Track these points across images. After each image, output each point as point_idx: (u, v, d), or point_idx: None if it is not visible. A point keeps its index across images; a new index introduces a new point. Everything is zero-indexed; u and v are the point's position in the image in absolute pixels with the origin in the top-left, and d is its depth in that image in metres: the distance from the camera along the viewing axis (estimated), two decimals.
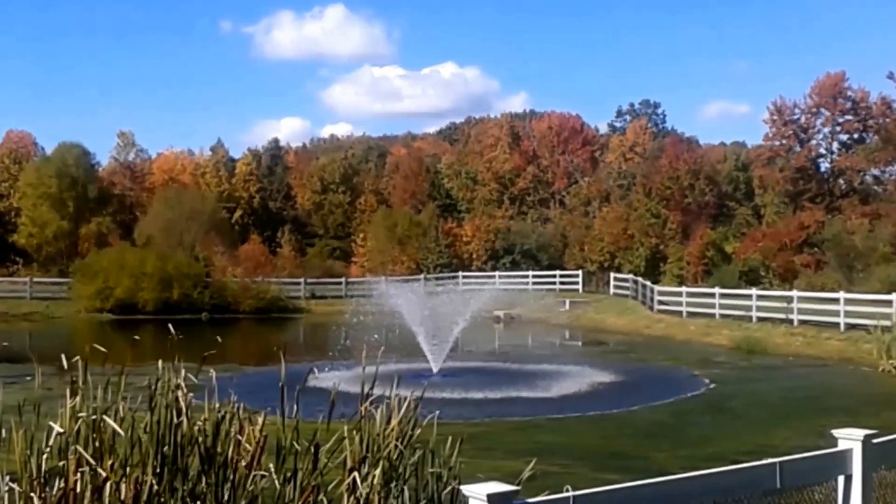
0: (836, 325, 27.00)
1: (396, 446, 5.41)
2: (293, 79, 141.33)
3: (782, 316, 29.40)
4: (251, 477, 5.12)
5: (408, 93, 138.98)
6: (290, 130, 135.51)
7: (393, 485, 5.33)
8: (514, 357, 25.80)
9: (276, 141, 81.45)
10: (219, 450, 5.13)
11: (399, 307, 23.47)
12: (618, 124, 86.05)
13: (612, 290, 44.16)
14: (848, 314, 26.83)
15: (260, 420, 5.36)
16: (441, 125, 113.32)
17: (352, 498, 5.13)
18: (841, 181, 54.93)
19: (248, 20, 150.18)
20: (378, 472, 5.23)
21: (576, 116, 72.84)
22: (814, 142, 55.54)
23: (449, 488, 5.44)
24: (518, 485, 3.82)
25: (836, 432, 4.85)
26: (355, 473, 5.17)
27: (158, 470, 4.93)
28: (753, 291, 32.79)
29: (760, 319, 30.12)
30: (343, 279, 50.72)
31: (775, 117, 55.63)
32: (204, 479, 5.08)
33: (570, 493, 3.60)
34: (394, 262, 54.68)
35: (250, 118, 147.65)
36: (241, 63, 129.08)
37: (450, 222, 60.31)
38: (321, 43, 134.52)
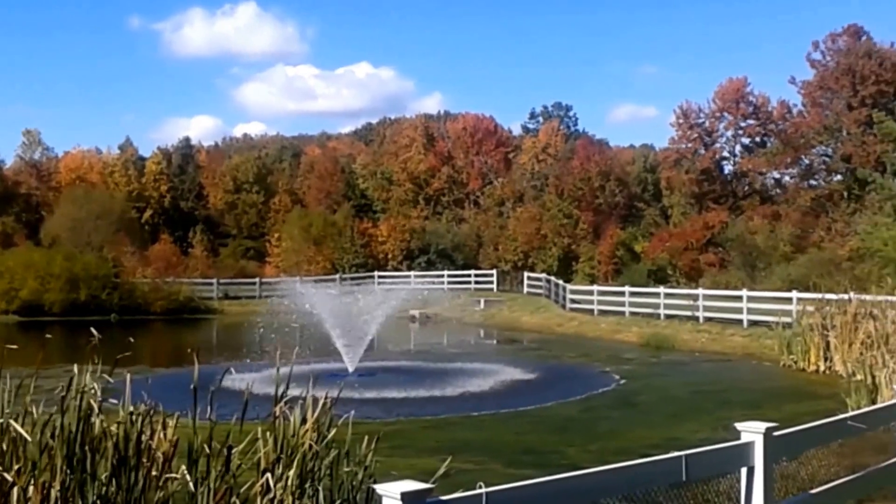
0: (740, 321, 27.93)
1: (311, 447, 5.40)
2: (204, 77, 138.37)
3: (689, 313, 30.33)
4: (163, 480, 5.08)
5: (322, 92, 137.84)
6: (201, 129, 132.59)
7: (307, 485, 5.32)
8: (429, 356, 25.94)
9: (187, 140, 79.72)
10: (130, 453, 5.07)
11: (314, 307, 23.39)
12: (531, 126, 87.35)
13: (525, 289, 44.74)
14: (751, 311, 27.73)
15: (172, 422, 5.36)
16: (356, 125, 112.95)
17: (265, 499, 5.12)
18: (743, 183, 57.09)
19: (158, 17, 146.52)
20: (292, 472, 5.22)
21: (489, 118, 73.77)
22: (718, 145, 57.63)
23: (364, 488, 5.45)
24: (433, 482, 3.83)
25: (738, 425, 4.98)
26: (268, 475, 5.15)
27: (69, 474, 4.89)
28: (661, 290, 33.74)
29: (668, 317, 30.96)
30: (257, 279, 50.20)
31: (681, 121, 57.51)
32: (115, 483, 5.06)
33: (483, 490, 3.62)
34: (309, 262, 54.45)
35: (160, 116, 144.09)
36: (150, 60, 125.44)
37: (365, 222, 60.26)
38: (233, 41, 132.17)
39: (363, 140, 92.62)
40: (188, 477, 5.11)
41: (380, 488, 3.51)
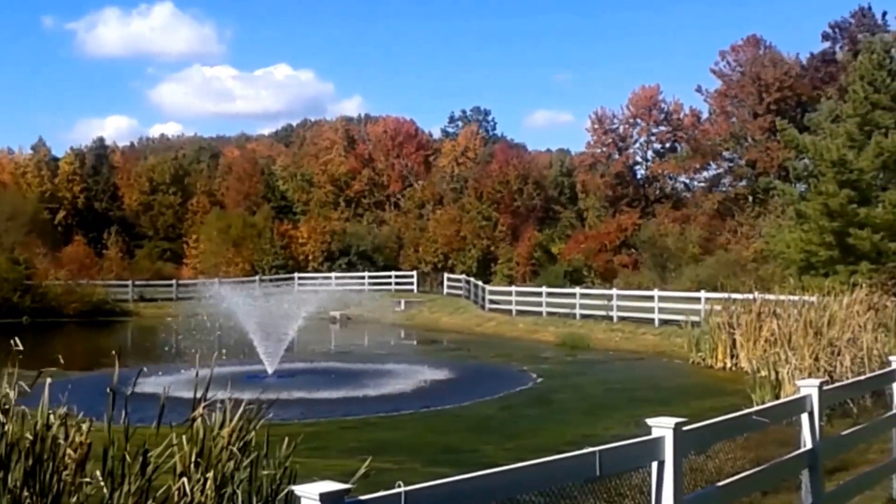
0: (652, 320, 28.69)
1: (229, 449, 5.32)
2: (119, 77, 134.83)
3: (603, 313, 31.01)
4: (76, 484, 5.02)
5: (240, 93, 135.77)
6: (116, 129, 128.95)
7: (226, 489, 5.24)
8: (349, 357, 25.89)
9: (101, 140, 77.54)
10: (45, 456, 4.99)
11: (233, 309, 23.08)
12: (450, 130, 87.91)
13: (445, 290, 45.01)
14: (662, 310, 28.55)
15: (85, 426, 5.26)
16: (275, 127, 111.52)
17: None
18: (655, 187, 58.64)
19: (72, 16, 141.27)
20: (210, 476, 5.14)
21: (410, 121, 73.89)
22: (631, 150, 59.01)
23: (284, 490, 5.33)
24: (352, 483, 3.81)
25: (649, 421, 5.00)
26: (184, 479, 5.06)
27: None
28: (577, 290, 34.36)
29: (583, 316, 31.59)
30: (174, 281, 49.24)
31: (596, 126, 58.74)
32: (27, 488, 4.96)
33: (402, 489, 3.60)
34: (228, 264, 53.81)
35: (74, 117, 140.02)
36: (63, 60, 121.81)
37: (285, 224, 59.76)
38: (149, 41, 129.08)
39: (283, 142, 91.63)
40: (102, 481, 5.01)
41: (298, 489, 3.47)
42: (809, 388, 6.56)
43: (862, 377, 10.64)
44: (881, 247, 26.15)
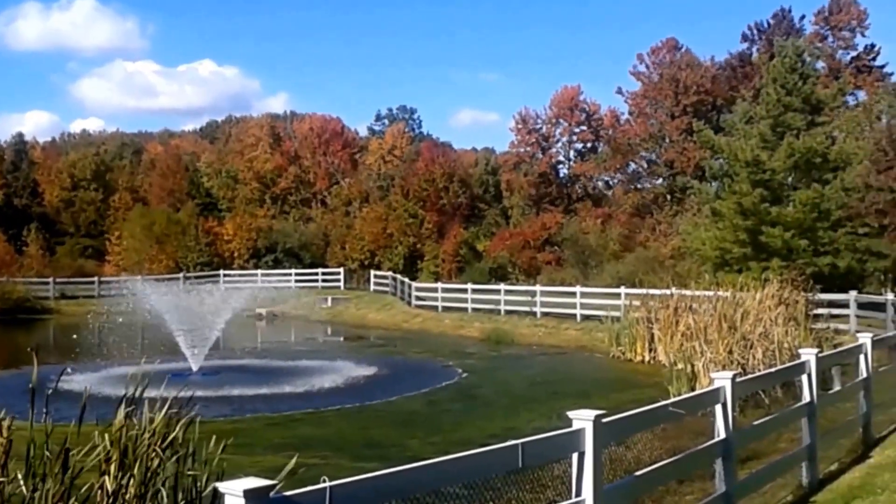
0: (574, 316, 29.28)
1: (154, 448, 5.28)
2: (40, 71, 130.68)
3: (527, 309, 31.47)
4: None
5: (164, 89, 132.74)
6: (36, 125, 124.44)
7: (150, 487, 5.20)
8: (275, 354, 25.68)
9: (20, 135, 74.86)
10: None
11: (157, 306, 22.65)
12: (377, 128, 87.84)
13: (372, 287, 45.02)
14: (583, 306, 29.16)
15: (6, 424, 5.16)
16: (199, 123, 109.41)
17: (106, 503, 4.99)
18: (577, 185, 59.62)
19: None
20: (134, 474, 5.10)
21: (336, 119, 73.55)
22: (554, 150, 59.91)
23: (209, 488, 5.30)
24: (278, 479, 3.84)
25: (570, 414, 5.10)
26: (106, 477, 5.02)
27: None
28: (502, 287, 34.79)
29: (508, 312, 32.00)
30: (96, 278, 48.01)
31: (520, 126, 59.43)
32: None
33: (327, 485, 3.61)
34: (151, 261, 52.92)
35: None
36: None
37: (210, 221, 58.86)
38: (70, 35, 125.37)
39: (207, 138, 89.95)
40: (23, 481, 4.94)
41: (222, 487, 3.45)
42: (723, 380, 6.76)
43: (773, 369, 10.97)
44: (792, 244, 27.18)
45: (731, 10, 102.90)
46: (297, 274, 48.34)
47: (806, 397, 8.40)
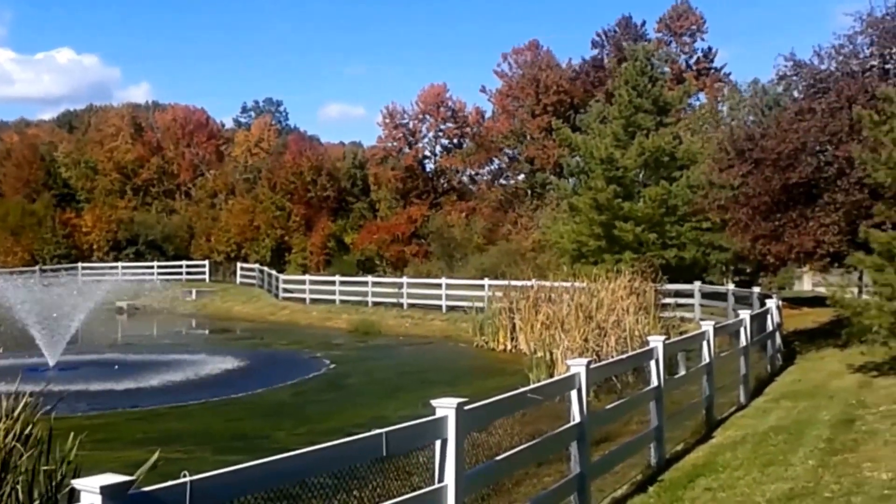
0: (440, 307, 29.94)
1: (7, 444, 5.21)
2: None
3: (394, 300, 31.91)
4: None
5: (20, 77, 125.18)
6: None
7: (3, 486, 5.12)
8: (137, 348, 25.05)
9: None
10: None
11: (10, 299, 21.62)
12: (243, 120, 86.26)
13: (238, 280, 44.47)
14: (449, 297, 29.88)
15: None
16: (57, 112, 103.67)
17: None
18: (443, 180, 60.43)
19: None
20: None
21: (201, 110, 71.46)
22: (420, 144, 60.39)
23: (67, 485, 5.20)
24: (140, 475, 3.89)
25: (433, 402, 5.14)
26: None
27: None
28: (369, 279, 35.14)
29: (375, 304, 32.39)
30: None
31: (387, 121, 59.67)
32: None
33: (187, 479, 3.49)
34: (6, 254, 50.89)
35: None
36: None
37: (68, 212, 56.63)
38: None
39: (65, 128, 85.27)
40: None
41: (78, 483, 3.31)
42: (577, 367, 7.04)
43: (624, 356, 11.55)
44: (642, 238, 28.64)
45: (585, 14, 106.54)
46: (159, 266, 47.04)
47: (654, 382, 8.77)
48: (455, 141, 60.25)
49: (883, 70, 17.89)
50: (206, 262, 48.13)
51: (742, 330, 12.92)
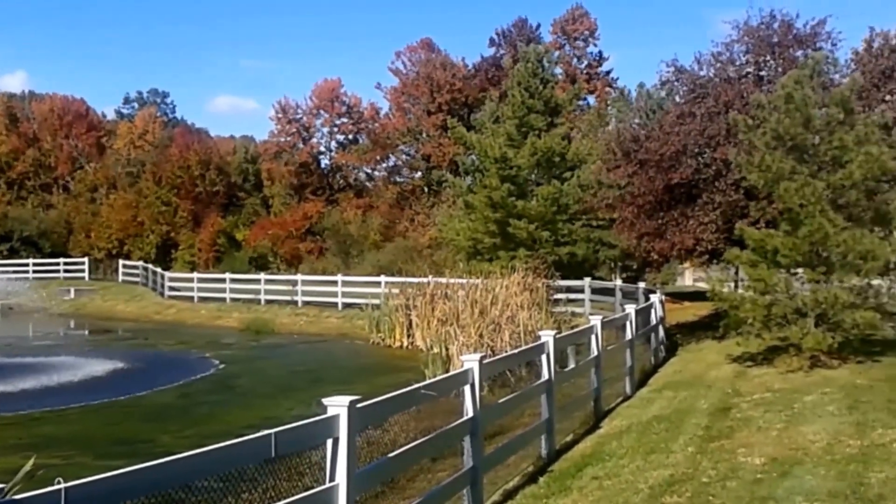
0: (336, 304, 29.73)
1: None
2: None
3: (288, 298, 31.49)
4: None
5: None
6: None
7: None
8: (9, 350, 23.78)
9: None
10: None
11: None
12: (126, 111, 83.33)
13: (121, 278, 42.95)
14: (345, 294, 29.70)
15: None
16: None
17: None
18: (339, 176, 60.08)
19: None
20: None
21: (80, 100, 68.57)
22: (315, 140, 59.89)
23: None
24: (14, 483, 3.58)
25: (325, 401, 5.06)
26: None
27: None
28: (262, 276, 34.52)
29: (268, 302, 31.88)
30: None
31: (280, 115, 58.88)
32: None
33: (62, 486, 3.32)
34: None
35: None
36: None
37: None
38: None
39: None
40: None
41: None
42: (471, 362, 7.09)
43: (517, 350, 11.76)
44: (535, 235, 29.26)
45: (482, 14, 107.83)
46: (35, 264, 44.90)
47: (545, 375, 8.94)
48: (350, 137, 59.99)
49: (758, 77, 18.78)
50: (86, 260, 46.25)
51: (628, 324, 13.32)
